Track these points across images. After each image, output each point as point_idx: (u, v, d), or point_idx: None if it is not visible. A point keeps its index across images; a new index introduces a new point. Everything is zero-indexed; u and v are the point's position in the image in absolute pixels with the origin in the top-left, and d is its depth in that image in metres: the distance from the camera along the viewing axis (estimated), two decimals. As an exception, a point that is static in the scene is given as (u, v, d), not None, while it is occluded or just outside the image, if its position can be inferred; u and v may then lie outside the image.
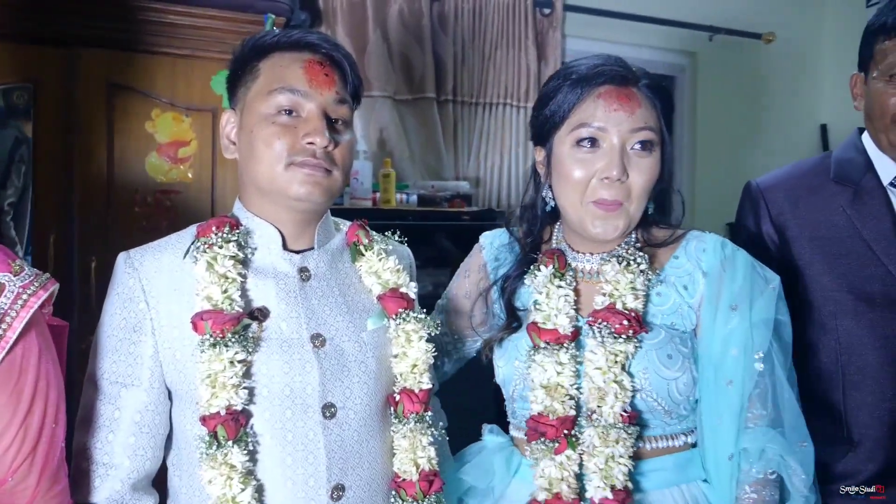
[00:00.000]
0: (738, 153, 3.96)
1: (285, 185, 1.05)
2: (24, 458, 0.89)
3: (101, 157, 2.05)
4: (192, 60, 2.12)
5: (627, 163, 1.11)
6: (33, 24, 1.96)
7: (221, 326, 0.99)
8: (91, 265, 2.03)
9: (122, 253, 1.08)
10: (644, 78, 1.15)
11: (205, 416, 0.99)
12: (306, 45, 1.10)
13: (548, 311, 1.14)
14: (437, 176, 3.05)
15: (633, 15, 3.53)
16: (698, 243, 1.18)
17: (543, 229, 1.27)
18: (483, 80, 3.21)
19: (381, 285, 1.15)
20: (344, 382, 1.07)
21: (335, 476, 1.04)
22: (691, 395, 1.13)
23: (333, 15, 2.91)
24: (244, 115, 1.10)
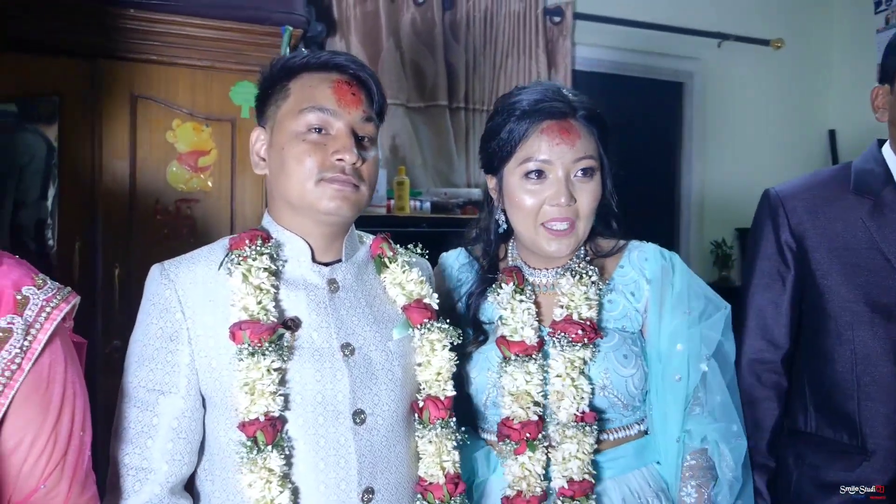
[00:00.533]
0: (747, 159, 3.98)
1: (316, 200, 1.08)
2: (54, 465, 0.91)
3: (124, 166, 2.08)
4: (212, 72, 2.16)
5: (572, 188, 1.23)
6: (59, 38, 2.00)
7: (259, 336, 1.02)
8: (114, 271, 2.07)
9: (156, 265, 1.10)
10: (581, 109, 1.25)
11: (244, 422, 1.02)
12: (334, 66, 1.13)
13: (514, 325, 1.25)
14: (448, 182, 3.08)
15: (641, 22, 3.56)
16: (640, 253, 1.32)
17: (498, 248, 1.37)
18: (494, 88, 3.23)
19: (406, 296, 1.19)
20: (372, 390, 1.10)
21: (365, 479, 1.08)
22: (643, 388, 1.26)
23: (347, 25, 2.94)
24: (275, 132, 1.13)
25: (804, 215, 1.40)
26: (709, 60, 3.86)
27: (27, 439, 0.88)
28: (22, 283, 0.90)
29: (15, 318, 0.87)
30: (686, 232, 3.92)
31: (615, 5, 3.52)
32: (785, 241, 1.41)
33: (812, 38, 4.12)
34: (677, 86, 3.90)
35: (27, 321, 0.88)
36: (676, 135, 3.93)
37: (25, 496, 0.89)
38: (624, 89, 3.69)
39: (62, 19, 1.98)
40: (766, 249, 1.44)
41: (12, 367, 0.86)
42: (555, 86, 1.29)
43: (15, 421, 0.87)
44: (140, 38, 2.07)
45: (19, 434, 0.88)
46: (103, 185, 2.07)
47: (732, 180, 3.94)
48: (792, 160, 4.10)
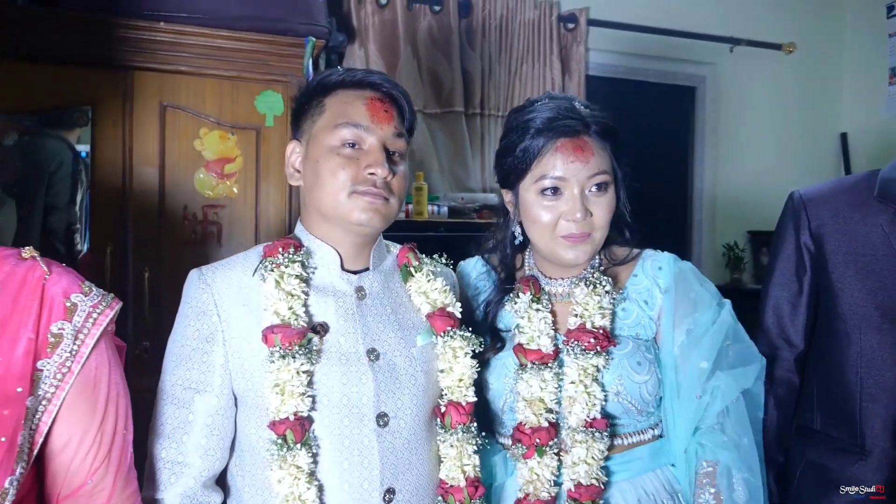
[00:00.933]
0: (759, 162, 3.99)
1: (348, 212, 1.12)
2: (101, 461, 0.96)
3: (154, 173, 2.14)
4: (238, 82, 2.21)
5: (587, 202, 1.25)
6: (92, 51, 2.05)
7: (290, 340, 1.07)
8: (144, 275, 2.13)
9: (194, 269, 1.15)
10: (594, 124, 1.27)
11: (275, 421, 1.07)
12: (368, 84, 1.18)
13: (531, 334, 1.27)
14: (464, 187, 3.11)
15: (654, 28, 3.58)
16: (653, 262, 1.34)
17: (515, 258, 1.40)
18: (509, 94, 3.26)
19: (430, 304, 1.22)
20: (396, 394, 1.14)
21: (387, 480, 1.11)
22: (657, 394, 1.29)
23: (366, 33, 2.99)
24: (310, 146, 1.17)
25: (825, 218, 1.41)
26: (721, 65, 3.88)
27: (76, 437, 0.93)
28: (70, 290, 0.94)
29: (65, 324, 0.92)
30: (698, 234, 3.94)
31: (628, 11, 3.55)
32: (804, 242, 1.43)
33: (824, 43, 4.13)
34: (690, 90, 3.92)
35: (76, 327, 0.93)
36: (689, 138, 3.96)
37: (74, 490, 0.94)
38: (637, 94, 3.72)
39: (97, 34, 2.04)
40: (786, 250, 1.46)
41: (63, 371, 0.91)
42: (568, 101, 1.30)
43: (65, 420, 0.92)
44: (169, 50, 2.12)
45: (69, 432, 0.93)
46: (134, 192, 2.12)
47: (744, 183, 3.97)
48: (804, 163, 4.12)
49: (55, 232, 2.22)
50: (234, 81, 2.22)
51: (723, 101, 3.94)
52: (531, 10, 3.28)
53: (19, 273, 0.92)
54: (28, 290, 0.91)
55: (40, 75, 2.04)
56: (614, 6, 3.52)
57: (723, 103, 3.94)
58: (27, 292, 0.91)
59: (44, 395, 0.90)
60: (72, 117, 2.10)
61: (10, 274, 0.91)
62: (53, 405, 0.91)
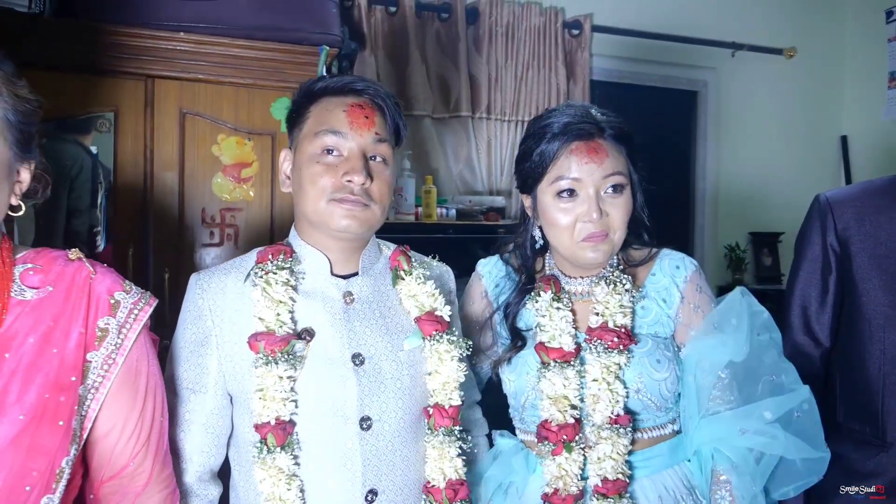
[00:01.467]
0: (760, 165, 4.06)
1: (328, 218, 1.14)
2: (141, 445, 1.04)
3: (174, 177, 2.20)
4: (254, 89, 2.26)
5: (603, 204, 1.27)
6: (115, 60, 2.10)
7: (272, 347, 1.10)
8: (164, 276, 2.18)
9: (193, 274, 1.20)
10: (609, 128, 1.30)
11: (257, 424, 1.10)
12: (351, 91, 1.19)
13: (552, 332, 1.29)
14: (471, 190, 3.18)
15: (657, 34, 3.65)
16: (671, 261, 1.36)
17: (535, 261, 1.43)
18: (516, 99, 3.32)
19: (419, 308, 1.22)
20: (380, 398, 1.15)
21: (370, 481, 1.13)
22: (676, 391, 1.32)
23: (376, 40, 3.06)
24: (297, 154, 1.20)
25: (851, 221, 1.44)
26: (723, 70, 3.95)
27: (119, 423, 1.01)
28: (114, 288, 1.02)
29: (110, 319, 1.00)
30: (701, 236, 4.01)
31: (631, 17, 3.61)
32: (830, 244, 1.47)
33: (824, 47, 4.19)
34: (692, 94, 3.98)
35: (119, 322, 1.01)
36: (691, 141, 4.02)
37: (117, 472, 1.02)
38: (640, 98, 3.79)
39: (119, 44, 2.09)
40: (812, 251, 1.50)
41: (109, 362, 0.99)
42: (584, 107, 1.33)
43: (110, 407, 1.00)
44: (189, 59, 2.18)
45: (113, 419, 1.01)
46: (154, 196, 2.18)
47: (746, 185, 4.03)
48: (805, 166, 4.18)
49: (78, 234, 2.29)
50: (251, 89, 2.27)
51: (724, 104, 4.01)
52: (537, 16, 3.34)
53: (69, 273, 0.99)
54: (77, 289, 0.99)
55: (65, 84, 2.09)
56: (618, 12, 3.58)
57: (724, 107, 4.01)
58: (76, 291, 0.98)
59: (92, 383, 0.98)
60: (91, 123, 2.17)
61: (60, 274, 0.99)
62: (101, 393, 0.99)
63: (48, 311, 0.96)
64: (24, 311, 0.95)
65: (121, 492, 1.04)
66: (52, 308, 0.96)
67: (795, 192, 4.13)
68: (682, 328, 1.32)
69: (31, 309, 0.96)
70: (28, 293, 0.96)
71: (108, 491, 1.04)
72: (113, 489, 1.04)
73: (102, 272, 1.03)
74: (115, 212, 2.18)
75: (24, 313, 0.95)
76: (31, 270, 0.99)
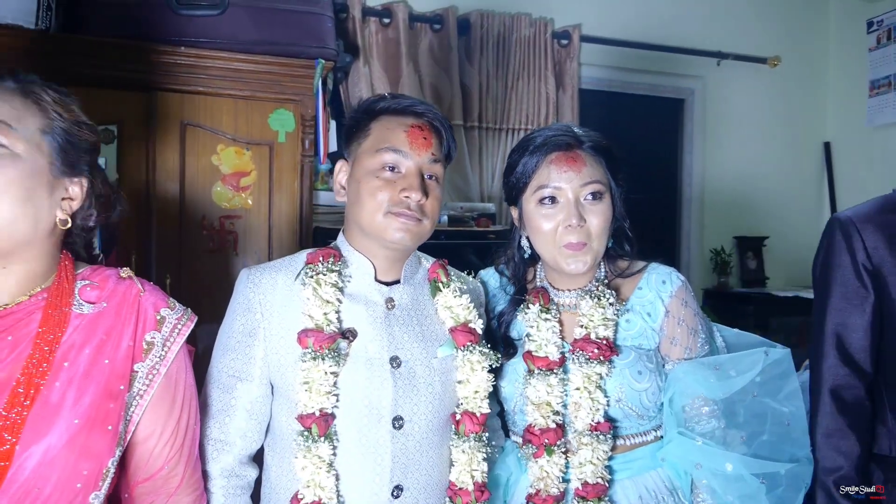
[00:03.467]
0: (745, 170, 4.13)
1: (383, 230, 1.21)
2: (177, 450, 1.11)
3: (175, 186, 2.26)
4: (252, 101, 2.33)
5: (583, 211, 1.33)
6: (118, 73, 2.17)
7: (320, 343, 1.16)
8: (166, 281, 2.24)
9: (244, 269, 1.26)
10: (588, 141, 1.37)
11: (302, 414, 1.16)
12: (411, 113, 1.26)
13: (539, 342, 1.35)
14: (463, 196, 3.24)
15: (644, 44, 3.72)
16: (657, 276, 1.40)
17: (527, 271, 1.49)
18: (506, 108, 3.38)
19: (454, 319, 1.28)
20: (412, 400, 1.21)
21: (397, 478, 1.19)
22: (658, 401, 1.37)
23: (370, 51, 3.13)
24: (355, 166, 1.26)
25: (880, 241, 1.37)
26: (708, 78, 4.02)
27: (157, 430, 1.09)
28: (160, 305, 1.10)
29: (156, 333, 1.08)
30: (687, 240, 4.08)
31: (619, 28, 3.69)
32: (862, 263, 1.38)
33: (807, 56, 4.28)
34: (679, 102, 4.06)
35: (164, 336, 1.08)
36: (678, 148, 4.10)
37: (152, 474, 1.10)
38: (628, 106, 3.87)
39: (122, 58, 2.16)
40: (842, 275, 1.41)
41: (153, 373, 1.07)
42: (566, 125, 1.41)
43: (150, 414, 1.08)
44: (189, 72, 2.25)
45: (153, 425, 1.09)
46: (156, 204, 2.24)
47: (731, 190, 4.11)
48: (789, 172, 4.28)
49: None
50: (249, 101, 2.34)
51: (710, 112, 4.07)
52: (526, 27, 3.41)
53: (121, 290, 1.07)
54: (128, 305, 1.06)
55: (71, 96, 2.18)
56: (606, 23, 3.66)
57: (710, 115, 4.07)
58: (127, 307, 1.06)
59: (137, 392, 1.06)
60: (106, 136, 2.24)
61: (114, 291, 1.07)
62: (144, 401, 1.06)
63: (102, 324, 1.03)
64: (82, 323, 1.02)
65: (154, 492, 1.11)
66: (106, 322, 1.04)
67: (780, 197, 4.24)
68: (665, 341, 1.38)
69: (87, 322, 1.03)
70: (86, 307, 1.04)
71: (143, 491, 1.11)
72: (147, 490, 1.11)
73: (150, 290, 1.10)
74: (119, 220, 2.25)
75: (81, 326, 1.02)
76: (89, 287, 1.06)
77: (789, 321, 3.89)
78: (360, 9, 3.12)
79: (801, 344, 3.88)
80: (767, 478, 1.29)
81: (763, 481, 1.28)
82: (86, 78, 2.16)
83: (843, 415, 1.37)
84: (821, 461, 1.38)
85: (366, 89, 3.11)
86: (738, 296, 3.92)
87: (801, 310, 3.83)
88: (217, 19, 2.27)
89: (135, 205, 2.20)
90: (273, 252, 2.40)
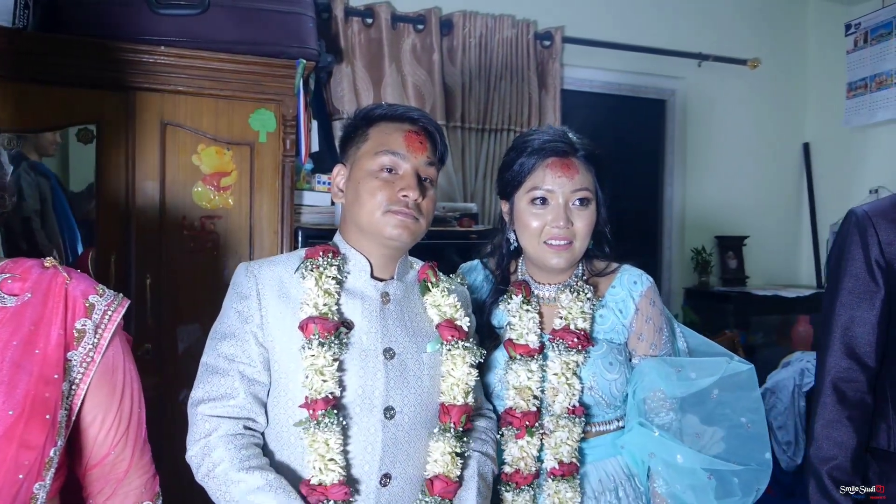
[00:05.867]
0: (726, 171, 4.18)
1: (382, 227, 1.26)
2: (121, 435, 1.12)
3: (155, 186, 2.25)
4: (233, 101, 2.33)
5: (570, 214, 1.43)
6: (97, 73, 2.17)
7: (326, 330, 1.21)
8: (146, 281, 2.24)
9: (242, 263, 1.32)
10: (582, 150, 1.47)
11: (316, 399, 1.19)
12: (408, 119, 1.33)
13: (520, 331, 1.44)
14: (446, 196, 3.24)
15: (626, 45, 3.74)
16: (629, 276, 1.51)
17: (510, 263, 1.58)
18: (489, 108, 3.38)
19: (441, 316, 1.34)
20: (403, 391, 1.26)
21: (386, 466, 1.24)
22: (624, 391, 1.47)
23: (353, 52, 3.12)
24: (353, 169, 1.32)
25: (894, 235, 1.38)
26: (690, 79, 4.06)
27: (99, 416, 1.10)
28: (88, 292, 1.09)
29: (86, 321, 1.07)
30: (668, 239, 4.11)
31: (602, 29, 3.71)
32: (875, 258, 1.39)
33: (787, 58, 4.33)
34: (660, 103, 4.09)
35: (95, 323, 1.08)
36: (660, 149, 4.13)
37: (99, 460, 1.11)
38: (610, 107, 3.89)
39: (101, 58, 2.15)
40: (854, 268, 1.42)
41: (87, 360, 1.07)
42: (562, 130, 1.50)
43: (91, 401, 1.09)
44: (170, 71, 2.24)
45: (94, 412, 1.09)
46: (136, 204, 2.24)
47: (712, 191, 4.16)
48: (769, 172, 4.33)
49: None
50: (230, 101, 2.33)
51: (691, 113, 4.11)
52: (509, 28, 3.42)
53: (45, 280, 1.07)
54: (54, 294, 1.06)
55: (48, 96, 2.15)
56: (588, 24, 3.68)
57: (691, 115, 4.11)
58: (53, 296, 1.06)
59: (73, 380, 1.06)
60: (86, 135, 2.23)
61: (37, 281, 1.06)
62: (81, 389, 1.07)
63: (29, 315, 1.03)
64: (7, 316, 1.02)
65: (103, 478, 1.13)
66: (33, 313, 1.03)
67: (760, 197, 4.29)
68: (633, 336, 1.49)
69: (11, 315, 1.02)
70: (9, 300, 1.03)
71: (93, 478, 1.13)
72: (96, 476, 1.12)
73: (77, 277, 1.09)
74: (99, 220, 2.24)
75: (6, 319, 1.02)
76: (10, 279, 1.05)
77: (768, 319, 3.94)
78: (343, 9, 3.11)
79: (779, 342, 3.94)
80: (717, 475, 1.36)
81: (710, 477, 1.35)
82: (64, 77, 2.16)
83: (843, 407, 1.39)
84: (817, 450, 1.41)
85: (348, 90, 3.11)
86: (719, 295, 3.96)
87: (780, 308, 3.88)
88: (197, 19, 2.27)
89: (114, 205, 2.23)
90: (254, 252, 2.40)
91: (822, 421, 1.42)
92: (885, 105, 3.85)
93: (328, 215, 2.65)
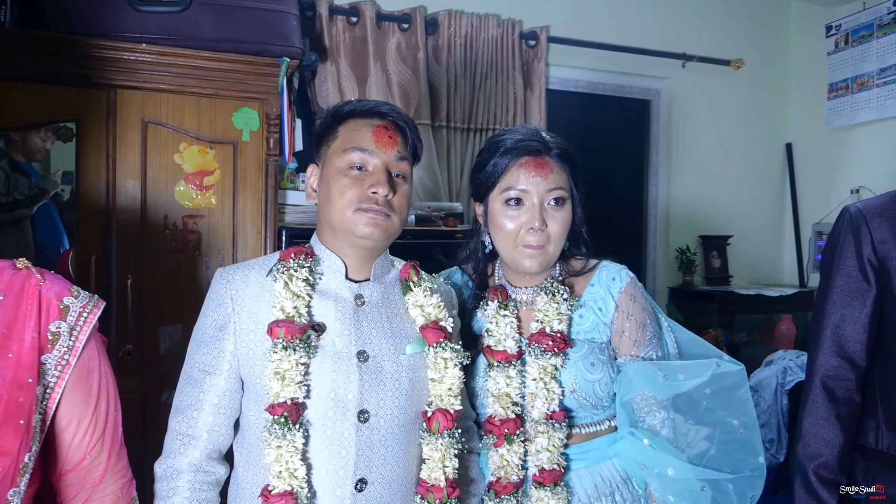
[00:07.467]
0: (710, 171, 4.20)
1: (353, 226, 1.24)
2: (97, 439, 1.10)
3: (136, 185, 2.23)
4: (216, 99, 2.31)
5: (545, 215, 1.39)
6: (77, 70, 2.13)
7: (292, 333, 1.18)
8: (127, 282, 2.21)
9: (220, 268, 1.30)
10: (555, 148, 1.43)
11: (274, 404, 1.17)
12: (376, 114, 1.30)
13: (498, 336, 1.41)
14: (431, 196, 3.24)
15: (611, 45, 3.75)
16: (608, 273, 1.48)
17: (486, 266, 1.54)
18: (474, 107, 3.38)
19: (424, 317, 1.31)
20: (378, 394, 1.23)
21: (361, 471, 1.20)
22: (611, 391, 1.43)
23: (338, 51, 3.11)
24: (324, 168, 1.30)
25: (888, 234, 1.36)
26: (674, 80, 4.08)
27: (75, 420, 1.07)
28: (62, 294, 1.07)
29: (61, 323, 1.05)
30: (653, 239, 4.13)
31: (587, 29, 3.72)
32: (867, 257, 1.38)
33: (770, 59, 4.36)
34: (645, 103, 4.10)
35: (70, 325, 1.05)
36: (644, 149, 4.14)
37: (75, 465, 1.09)
38: (595, 107, 3.90)
39: (82, 55, 2.11)
40: (846, 266, 1.40)
41: (62, 363, 1.04)
42: (535, 129, 1.46)
43: (66, 405, 1.06)
44: (151, 69, 2.21)
45: (69, 415, 1.07)
46: (117, 203, 2.21)
47: (696, 191, 4.19)
48: (752, 171, 4.36)
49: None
50: (213, 99, 2.31)
51: (675, 113, 4.14)
52: (494, 28, 3.42)
53: (18, 281, 1.04)
54: (27, 296, 1.03)
55: (28, 93, 2.12)
56: (573, 24, 3.69)
57: (675, 115, 4.14)
58: (27, 298, 1.03)
59: (48, 384, 1.03)
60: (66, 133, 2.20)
61: (10, 283, 1.03)
62: (56, 393, 1.04)
63: (1, 318, 1.00)
64: None
65: (79, 483, 1.10)
66: (6, 315, 1.01)
67: (743, 197, 4.32)
68: (616, 334, 1.45)
69: None
70: None
71: (68, 483, 1.10)
72: (72, 481, 1.10)
73: (51, 279, 1.07)
74: (78, 219, 2.21)
75: None
76: None
77: (751, 318, 3.97)
78: (327, 7, 3.09)
79: (762, 341, 3.97)
80: (711, 485, 1.34)
81: (704, 488, 1.34)
82: (43, 74, 2.12)
83: (832, 405, 1.39)
84: (804, 447, 1.41)
85: (333, 88, 3.09)
86: (703, 294, 3.98)
87: (763, 307, 3.91)
88: (179, 16, 2.24)
89: (94, 204, 2.20)
90: (237, 252, 2.37)
91: (810, 418, 1.41)
92: (866, 106, 3.89)
93: (312, 215, 2.63)
